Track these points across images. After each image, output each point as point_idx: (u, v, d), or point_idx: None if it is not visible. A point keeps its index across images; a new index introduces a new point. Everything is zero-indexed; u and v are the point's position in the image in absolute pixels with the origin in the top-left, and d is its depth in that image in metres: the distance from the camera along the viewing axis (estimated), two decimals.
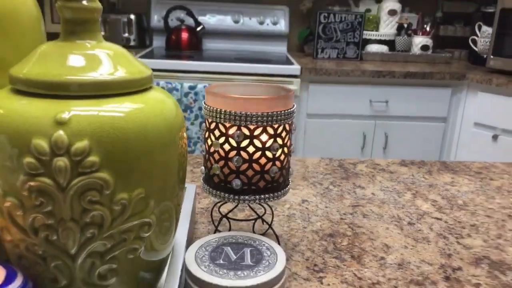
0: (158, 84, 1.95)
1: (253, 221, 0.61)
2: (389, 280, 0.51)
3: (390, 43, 2.46)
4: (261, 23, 2.53)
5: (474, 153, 2.12)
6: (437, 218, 0.66)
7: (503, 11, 2.05)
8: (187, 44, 2.37)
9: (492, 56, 2.11)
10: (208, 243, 0.48)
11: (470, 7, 2.54)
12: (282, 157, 0.51)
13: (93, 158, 0.33)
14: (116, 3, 2.51)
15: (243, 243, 0.48)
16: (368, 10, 2.48)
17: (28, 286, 0.35)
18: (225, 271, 0.43)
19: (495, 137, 2.03)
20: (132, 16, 2.33)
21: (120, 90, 0.37)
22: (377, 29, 2.45)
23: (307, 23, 2.61)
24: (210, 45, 2.57)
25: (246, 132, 0.48)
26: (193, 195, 0.58)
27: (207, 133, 0.51)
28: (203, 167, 0.53)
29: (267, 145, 0.49)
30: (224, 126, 0.49)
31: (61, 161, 0.33)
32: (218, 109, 0.48)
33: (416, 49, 2.41)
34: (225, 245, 0.48)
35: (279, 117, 0.48)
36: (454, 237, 0.61)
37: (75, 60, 0.36)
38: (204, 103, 0.51)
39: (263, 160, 0.49)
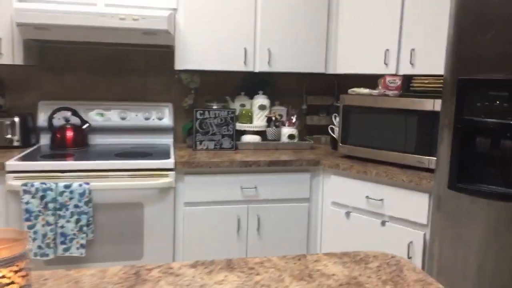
0: (32, 186, 2.05)
1: None
2: None
3: (263, 133, 2.78)
4: (147, 118, 2.76)
5: (332, 229, 2.41)
6: None
7: (345, 107, 2.45)
8: (72, 141, 2.51)
9: (340, 144, 2.48)
10: None
11: (329, 100, 2.97)
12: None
13: None
14: (3, 105, 2.62)
15: None
16: (243, 105, 2.82)
17: None
18: None
19: (347, 214, 2.34)
20: (16, 119, 2.45)
21: None
22: (251, 122, 2.77)
23: (191, 117, 2.88)
24: (99, 140, 2.72)
25: None
26: None
27: None
28: None
29: None
30: None
31: None
32: None
33: (284, 138, 2.74)
34: None
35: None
36: None
37: None
38: None
39: None
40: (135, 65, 2.81)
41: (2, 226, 2.13)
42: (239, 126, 2.74)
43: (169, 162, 2.26)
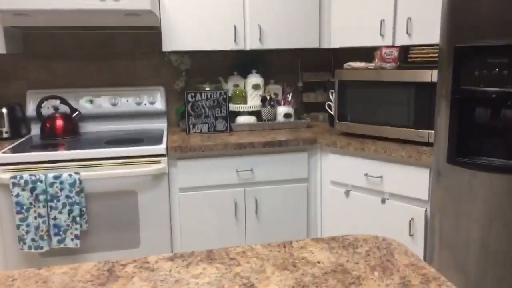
0: (21, 178, 2.01)
1: None
2: None
3: (259, 114, 2.70)
4: (139, 103, 2.69)
5: (332, 209, 2.35)
6: None
7: (340, 83, 2.36)
8: (62, 130, 2.45)
9: (337, 121, 2.40)
10: None
11: (325, 76, 2.87)
12: None
13: None
14: None
15: None
16: (236, 85, 2.73)
17: None
18: None
19: (347, 193, 2.27)
20: (4, 110, 2.39)
21: None
22: (245, 102, 2.69)
23: (184, 100, 2.81)
24: (91, 128, 2.66)
25: None
26: None
27: None
28: None
29: None
30: None
31: None
32: None
33: (280, 118, 2.66)
34: None
35: None
36: None
37: None
38: None
39: None
40: (123, 48, 2.72)
41: None
42: (233, 107, 2.67)
43: (161, 148, 2.20)
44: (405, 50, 2.30)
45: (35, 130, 2.58)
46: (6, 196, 2.06)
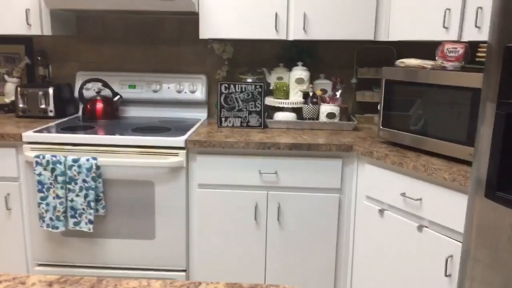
0: (43, 158, 2.05)
1: None
2: None
3: (301, 111, 2.44)
4: (179, 91, 2.62)
5: (366, 227, 2.03)
6: None
7: (387, 82, 2.00)
8: (101, 113, 2.48)
9: (381, 127, 2.05)
10: None
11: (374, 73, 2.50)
12: None
13: None
14: (47, 75, 2.69)
15: None
16: (280, 78, 2.51)
17: None
18: None
19: (381, 212, 1.94)
20: (50, 90, 2.49)
21: None
22: (287, 97, 2.46)
23: None
24: (132, 112, 2.67)
25: None
26: None
27: None
28: None
29: None
30: None
31: None
32: None
33: (322, 117, 2.38)
34: None
35: None
36: None
37: None
38: None
39: None
40: (169, 34, 2.66)
41: (22, 195, 2.20)
42: (274, 101, 2.45)
43: (179, 140, 2.09)
44: (473, 47, 1.86)
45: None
46: (32, 174, 2.13)
